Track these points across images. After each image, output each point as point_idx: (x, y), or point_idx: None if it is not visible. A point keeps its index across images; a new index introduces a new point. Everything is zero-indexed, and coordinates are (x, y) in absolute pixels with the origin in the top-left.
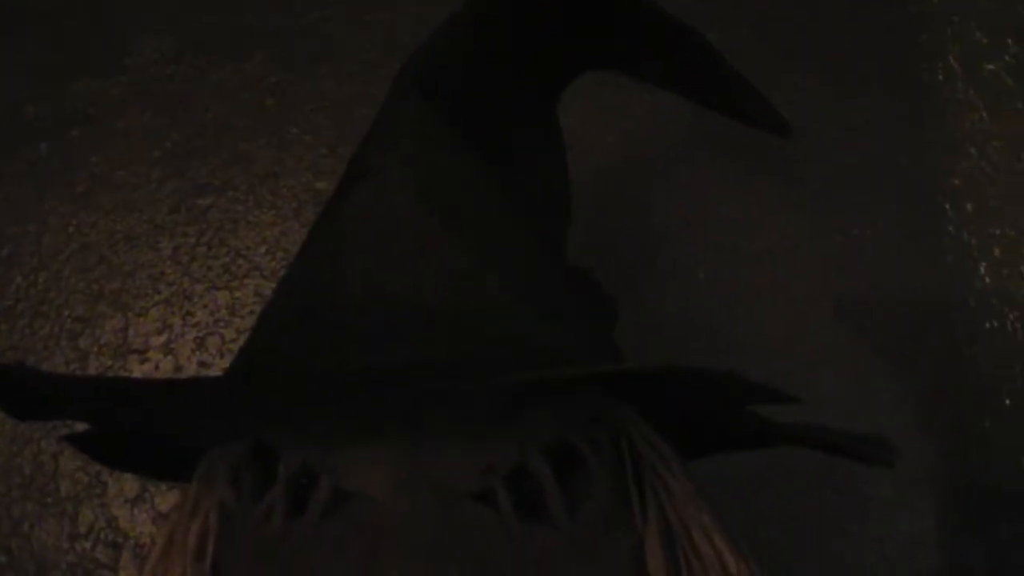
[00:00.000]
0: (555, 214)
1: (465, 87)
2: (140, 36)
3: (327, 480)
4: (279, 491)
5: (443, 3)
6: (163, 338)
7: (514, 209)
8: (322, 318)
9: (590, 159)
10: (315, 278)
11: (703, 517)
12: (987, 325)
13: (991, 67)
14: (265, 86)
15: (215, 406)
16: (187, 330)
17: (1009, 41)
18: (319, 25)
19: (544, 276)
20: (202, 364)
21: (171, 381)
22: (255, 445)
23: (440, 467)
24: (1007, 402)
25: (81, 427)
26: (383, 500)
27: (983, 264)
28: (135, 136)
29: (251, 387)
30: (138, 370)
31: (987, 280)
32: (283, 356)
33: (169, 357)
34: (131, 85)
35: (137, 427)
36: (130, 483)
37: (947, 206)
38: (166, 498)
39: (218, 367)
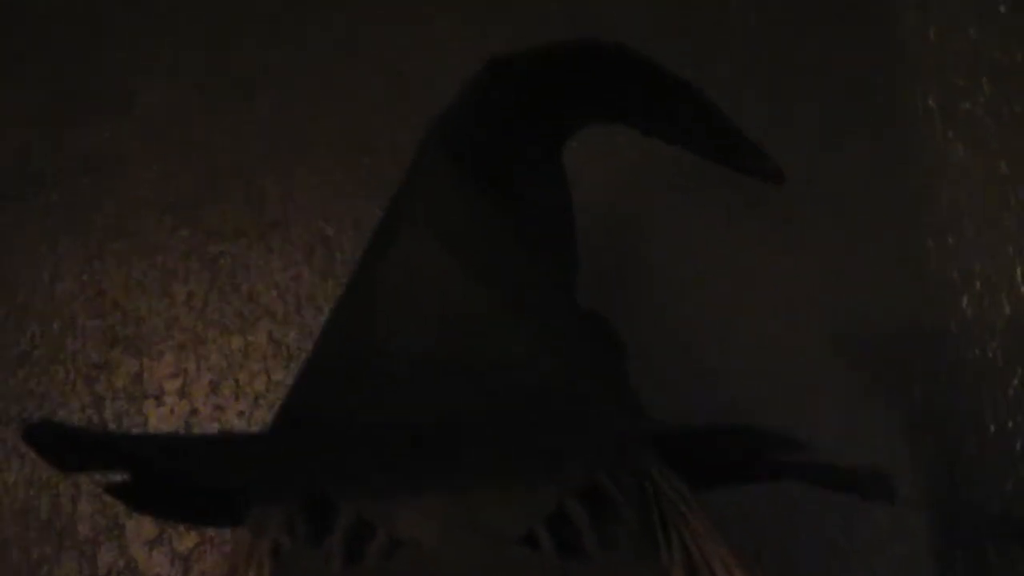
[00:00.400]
0: (567, 258)
1: (486, 143)
2: (150, 81)
3: (383, 530)
4: (338, 539)
5: (453, 48)
6: (178, 382)
7: (532, 259)
8: (361, 376)
9: (581, 193)
10: (351, 338)
11: (722, 551)
12: (970, 355)
13: (967, 106)
14: (276, 130)
15: (266, 461)
16: (201, 374)
17: (984, 81)
18: (327, 69)
19: (568, 326)
20: (217, 407)
21: (225, 438)
22: (306, 495)
23: (485, 515)
24: (991, 428)
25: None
26: (434, 547)
27: (964, 296)
28: (146, 183)
29: (303, 444)
30: (154, 414)
31: (969, 312)
32: (328, 413)
33: (184, 400)
34: (140, 131)
35: (178, 478)
36: (148, 525)
37: (930, 241)
38: (184, 541)
39: (233, 409)
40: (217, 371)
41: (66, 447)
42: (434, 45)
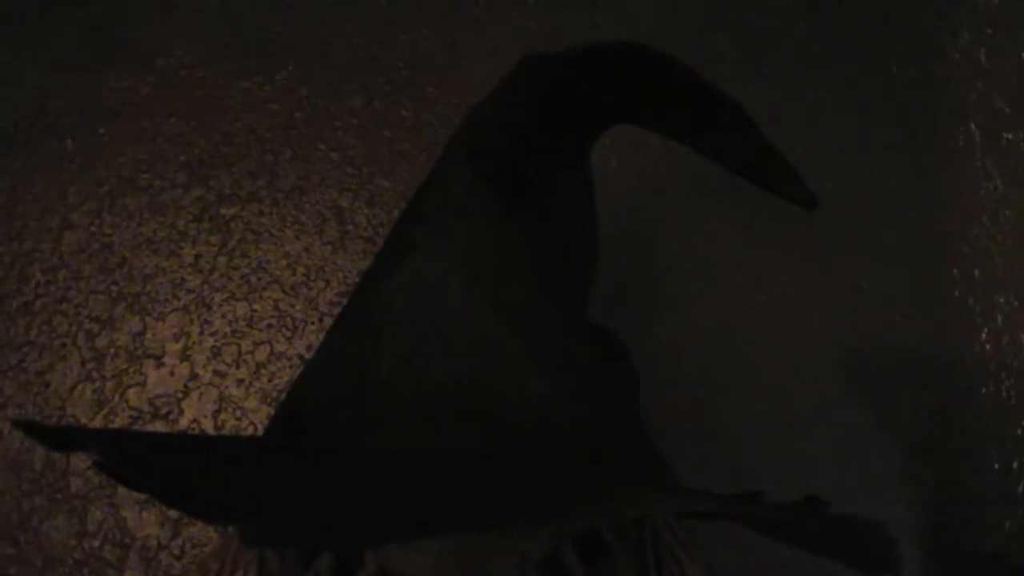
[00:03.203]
0: (584, 267)
1: (512, 148)
2: (172, 37)
3: (373, 561)
4: (326, 565)
5: (470, 28)
6: (180, 344)
7: (551, 276)
8: (361, 397)
9: (601, 198)
10: (356, 353)
11: None
12: (983, 390)
13: (1009, 136)
14: (294, 99)
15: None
16: (204, 338)
17: None
18: (350, 41)
19: (579, 354)
20: (217, 373)
21: (213, 447)
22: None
23: (478, 556)
24: (995, 466)
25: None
26: None
27: (984, 330)
28: (162, 139)
29: (295, 468)
30: (153, 374)
31: (987, 346)
32: (325, 438)
33: (185, 363)
34: (160, 86)
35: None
36: None
37: (955, 270)
38: None
39: (233, 376)
40: (220, 336)
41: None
42: (465, 26)
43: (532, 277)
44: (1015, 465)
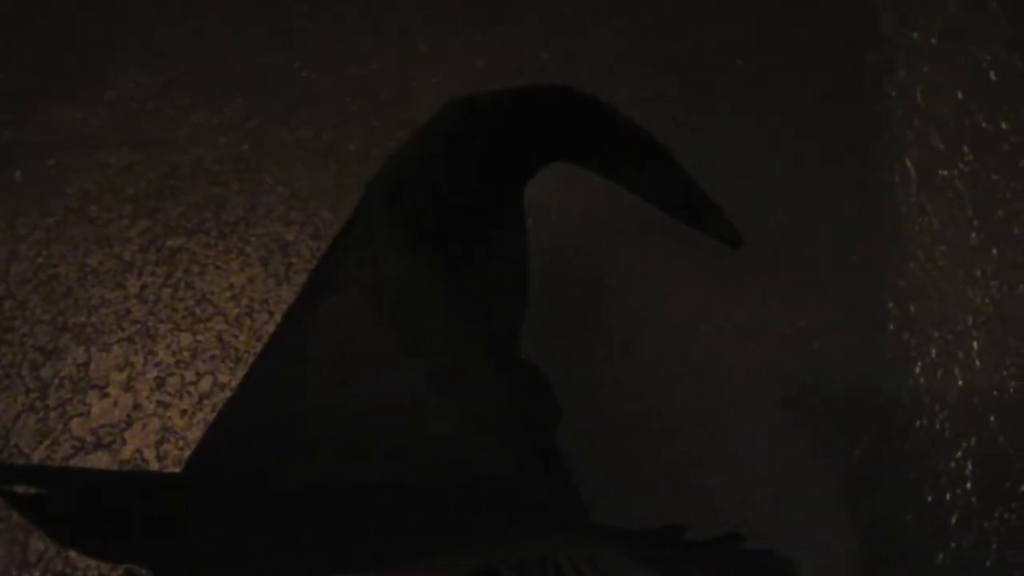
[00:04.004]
0: (512, 299)
1: (434, 190)
2: (123, 69)
3: None
4: None
5: (423, 60)
6: (124, 375)
7: (470, 312)
8: (280, 433)
9: (545, 231)
10: (276, 390)
11: None
12: (917, 423)
13: (944, 173)
14: (243, 131)
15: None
16: (148, 369)
17: (965, 149)
18: (299, 75)
19: (491, 391)
20: (160, 403)
21: (137, 482)
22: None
23: None
24: (929, 498)
25: None
26: None
27: (919, 363)
28: (110, 171)
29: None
30: (97, 405)
31: (922, 380)
32: (243, 475)
33: (129, 394)
34: (110, 118)
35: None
36: None
37: (891, 305)
38: None
39: (176, 407)
40: (164, 367)
41: None
42: (410, 58)
43: (449, 316)
44: (948, 497)
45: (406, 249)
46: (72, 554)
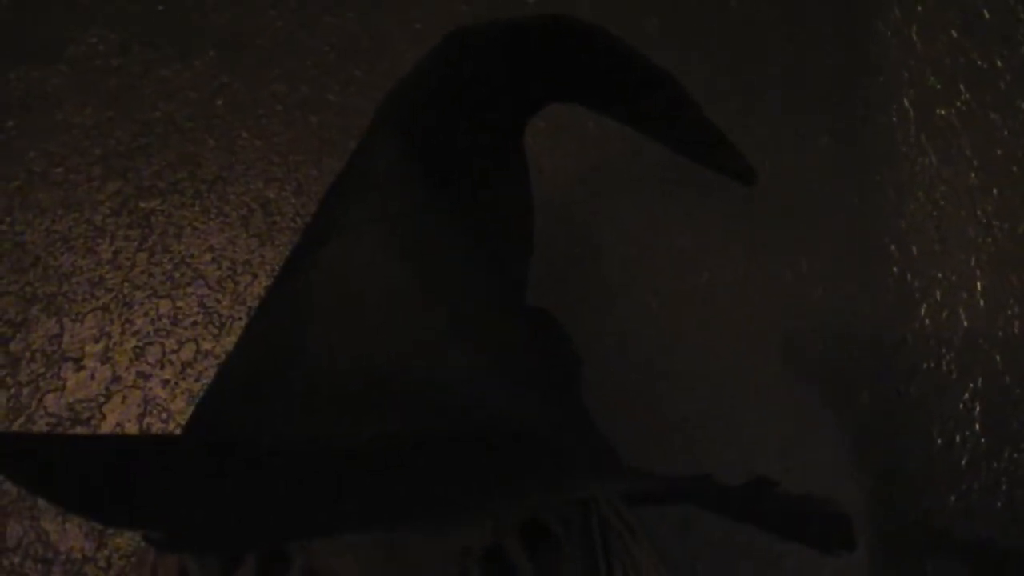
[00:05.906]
0: (519, 246)
1: (439, 124)
2: (84, 25)
3: (299, 560)
4: (250, 568)
5: (397, 9)
6: (100, 346)
7: (484, 254)
8: (284, 387)
9: (537, 184)
10: (279, 343)
11: None
12: (924, 365)
13: (942, 112)
14: (215, 86)
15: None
16: (126, 338)
17: (962, 87)
18: (272, 25)
19: (514, 336)
20: (140, 375)
21: (127, 445)
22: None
23: (413, 551)
24: (939, 441)
25: None
26: None
27: (923, 306)
28: (76, 131)
29: (215, 464)
30: (73, 378)
31: (927, 322)
32: (246, 431)
33: (106, 365)
34: (73, 76)
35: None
36: None
37: (893, 247)
38: None
39: (158, 377)
40: (143, 336)
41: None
42: (392, 7)
43: (464, 257)
44: (958, 439)
45: (416, 187)
46: (53, 536)
